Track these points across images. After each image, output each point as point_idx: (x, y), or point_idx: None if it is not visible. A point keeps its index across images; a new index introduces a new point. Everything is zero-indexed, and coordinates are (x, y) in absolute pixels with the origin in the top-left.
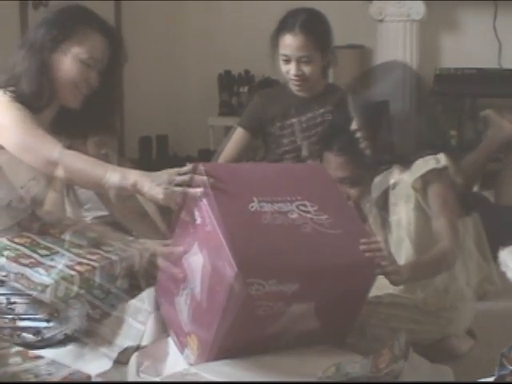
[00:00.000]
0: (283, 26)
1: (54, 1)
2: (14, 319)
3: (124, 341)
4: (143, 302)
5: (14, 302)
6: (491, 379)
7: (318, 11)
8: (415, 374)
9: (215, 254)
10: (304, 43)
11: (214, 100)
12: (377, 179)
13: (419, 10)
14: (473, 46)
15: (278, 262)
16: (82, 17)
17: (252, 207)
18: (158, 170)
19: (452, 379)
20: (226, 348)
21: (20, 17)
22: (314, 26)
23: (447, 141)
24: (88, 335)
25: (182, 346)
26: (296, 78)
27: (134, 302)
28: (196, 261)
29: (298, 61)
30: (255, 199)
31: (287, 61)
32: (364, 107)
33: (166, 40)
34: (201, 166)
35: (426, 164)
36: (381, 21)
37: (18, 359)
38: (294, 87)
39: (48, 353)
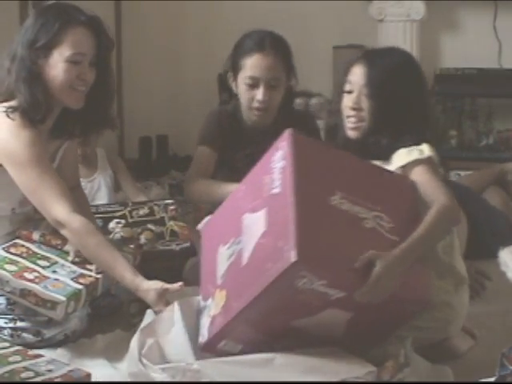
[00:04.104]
0: (249, 47)
1: (54, 0)
2: (14, 319)
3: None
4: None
5: (14, 303)
6: (492, 379)
7: (277, 33)
8: (415, 374)
9: (280, 233)
10: (275, 63)
11: (214, 100)
12: None
13: (419, 10)
14: (473, 46)
15: (336, 267)
16: (57, 15)
17: (333, 200)
18: (158, 169)
19: (452, 379)
20: (248, 321)
21: (20, 17)
22: (282, 46)
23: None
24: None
25: (206, 294)
26: (261, 104)
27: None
28: (257, 225)
29: (267, 84)
30: (338, 193)
31: (252, 85)
32: (380, 85)
33: (166, 40)
34: (288, 134)
35: (409, 154)
36: (381, 21)
37: (17, 358)
38: (253, 117)
39: (47, 353)
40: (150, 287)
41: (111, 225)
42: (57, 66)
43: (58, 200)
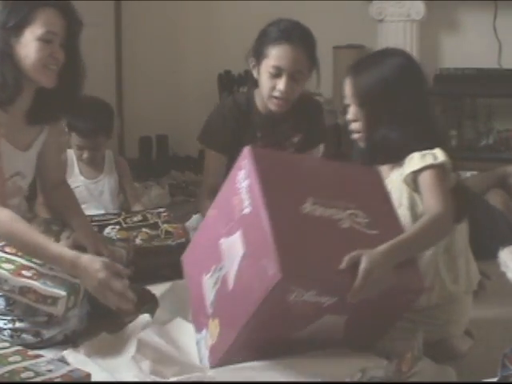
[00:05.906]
0: (276, 35)
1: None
2: (13, 320)
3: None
4: None
5: (14, 303)
6: (494, 380)
7: (304, 25)
8: (418, 373)
9: (260, 252)
10: (301, 56)
11: (214, 100)
12: None
13: (419, 9)
14: (473, 45)
15: (322, 275)
16: None
17: (305, 209)
18: (158, 169)
19: (455, 380)
20: (248, 343)
21: None
22: (310, 39)
23: (444, 136)
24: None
25: (200, 325)
26: (282, 95)
27: None
28: (235, 249)
29: (290, 76)
30: (309, 200)
31: (275, 75)
32: (366, 93)
33: (166, 40)
34: (247, 151)
35: (422, 159)
36: (381, 21)
37: (17, 358)
38: (272, 106)
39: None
40: (95, 258)
41: (107, 230)
42: (29, 44)
43: None
